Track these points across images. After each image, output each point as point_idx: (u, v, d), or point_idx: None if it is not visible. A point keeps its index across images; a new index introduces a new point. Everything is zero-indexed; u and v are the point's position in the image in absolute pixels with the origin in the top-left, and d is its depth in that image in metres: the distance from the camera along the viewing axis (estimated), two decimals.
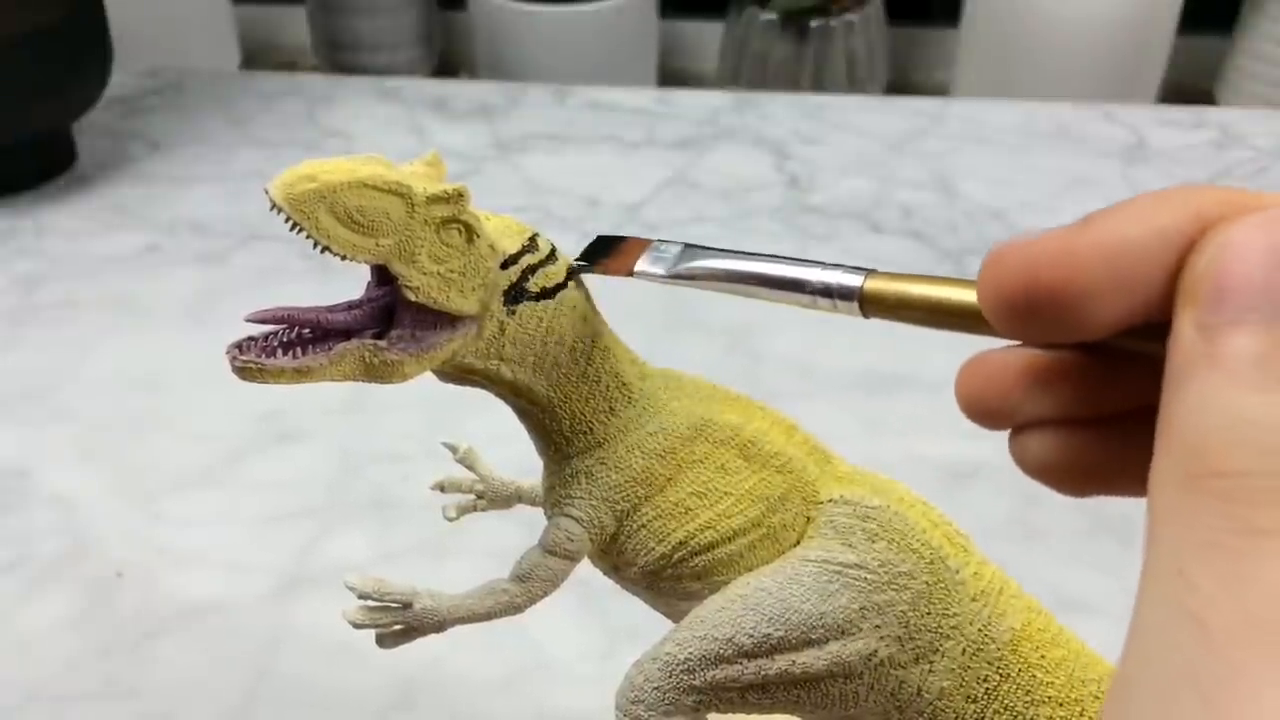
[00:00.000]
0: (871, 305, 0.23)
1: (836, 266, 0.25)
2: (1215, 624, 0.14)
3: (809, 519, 0.31)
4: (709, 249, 0.28)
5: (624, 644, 0.47)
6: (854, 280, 0.24)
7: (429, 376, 0.29)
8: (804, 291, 0.25)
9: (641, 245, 0.29)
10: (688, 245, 0.28)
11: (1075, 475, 0.20)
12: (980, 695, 0.29)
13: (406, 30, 1.66)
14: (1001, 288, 0.18)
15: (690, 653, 0.29)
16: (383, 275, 0.28)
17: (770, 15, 1.43)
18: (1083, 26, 1.43)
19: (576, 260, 0.30)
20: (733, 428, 0.30)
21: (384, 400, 0.60)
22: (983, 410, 0.21)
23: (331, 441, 0.59)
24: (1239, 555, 0.14)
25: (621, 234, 0.30)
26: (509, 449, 0.36)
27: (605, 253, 0.30)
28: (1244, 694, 0.14)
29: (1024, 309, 0.18)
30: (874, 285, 0.23)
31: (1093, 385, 0.20)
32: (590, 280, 0.30)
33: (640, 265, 0.29)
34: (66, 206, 0.79)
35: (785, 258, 0.26)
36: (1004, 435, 0.21)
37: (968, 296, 0.21)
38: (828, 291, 0.24)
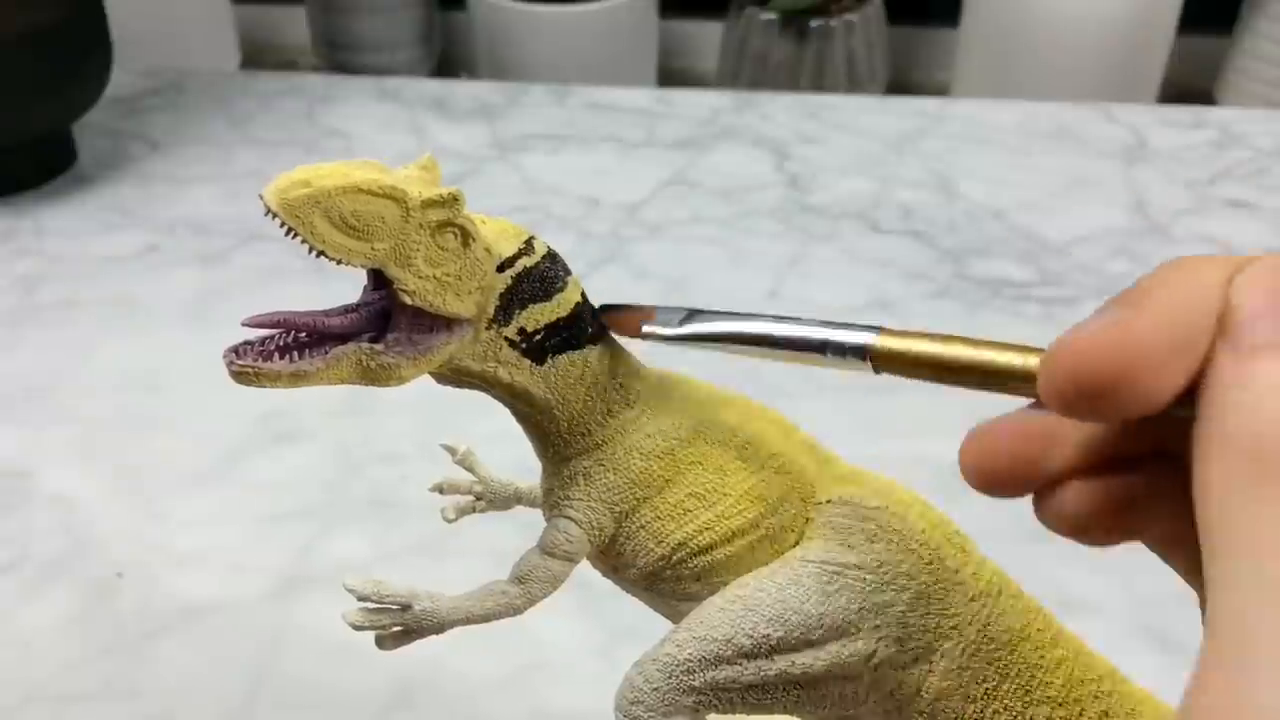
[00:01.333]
0: (883, 362, 0.24)
1: (845, 326, 0.25)
2: None
3: (808, 520, 0.31)
4: (714, 312, 0.29)
5: (624, 644, 0.47)
6: (865, 338, 0.24)
7: (428, 378, 0.30)
8: (815, 350, 0.26)
9: (647, 312, 0.29)
10: (692, 311, 0.29)
11: (1112, 523, 0.21)
12: (979, 696, 0.29)
13: (406, 30, 1.66)
14: (1064, 383, 0.18)
15: (690, 653, 0.29)
16: (379, 279, 0.28)
17: (770, 15, 1.43)
18: (1083, 26, 1.43)
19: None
20: (731, 428, 0.30)
21: (383, 401, 0.60)
22: (1004, 480, 0.21)
23: (331, 442, 0.59)
24: None
25: (627, 303, 0.30)
26: (508, 450, 0.36)
27: (609, 317, 0.30)
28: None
29: (1090, 400, 0.18)
30: (885, 343, 0.24)
31: (1112, 430, 0.20)
32: (589, 280, 0.30)
33: (648, 327, 0.29)
34: (66, 206, 0.79)
35: (793, 318, 0.27)
36: None
37: (978, 355, 0.22)
38: (840, 350, 0.25)
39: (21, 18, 0.74)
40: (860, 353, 0.24)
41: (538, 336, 0.29)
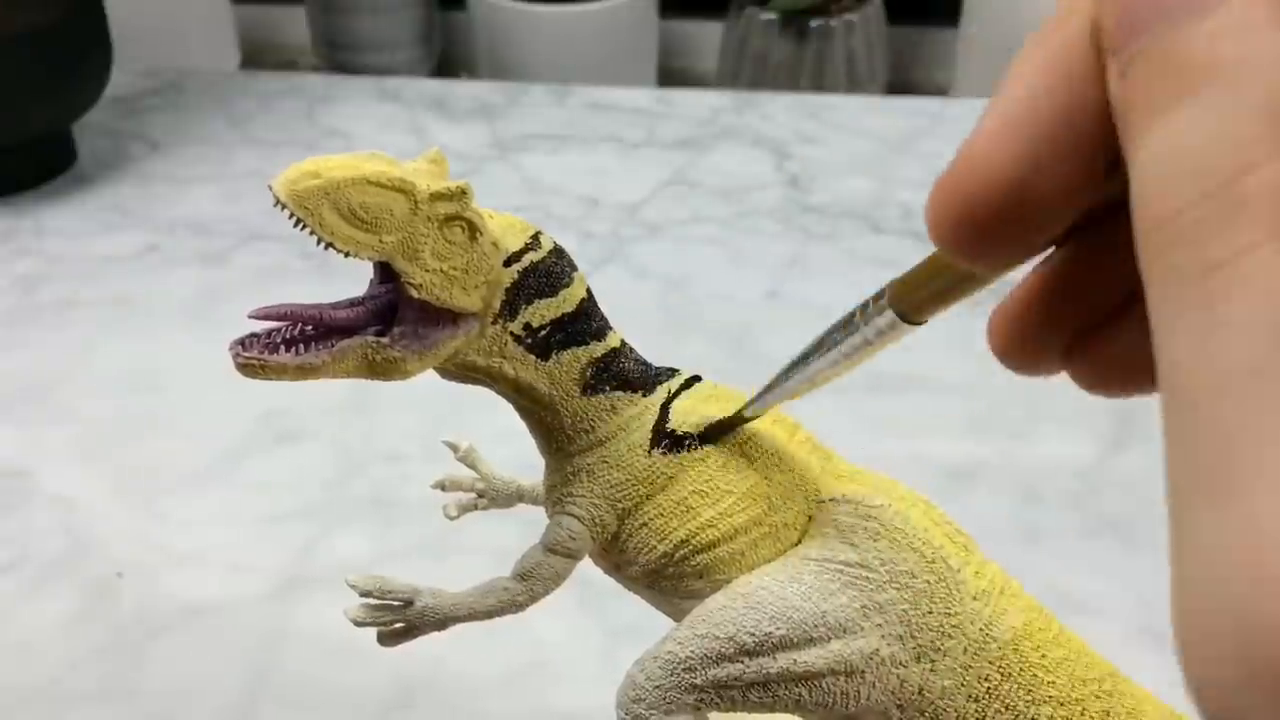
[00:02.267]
0: (904, 304, 0.23)
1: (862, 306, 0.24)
2: (1192, 391, 0.12)
3: (810, 518, 0.31)
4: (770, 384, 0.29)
5: (624, 643, 0.47)
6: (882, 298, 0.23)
7: (430, 375, 0.30)
8: (850, 329, 0.25)
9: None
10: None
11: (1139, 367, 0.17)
12: (982, 694, 0.29)
13: (406, 30, 1.66)
14: (945, 227, 0.15)
15: (691, 651, 0.29)
16: (385, 272, 0.28)
17: (770, 15, 1.43)
18: None
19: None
20: None
21: (385, 399, 0.60)
22: (1028, 357, 0.18)
23: (332, 441, 0.59)
24: (1200, 304, 0.12)
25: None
26: (510, 447, 0.36)
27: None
28: (1238, 466, 0.11)
29: (978, 233, 0.15)
30: (899, 290, 0.23)
31: (1107, 267, 0.17)
32: (589, 280, 0.30)
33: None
34: (66, 206, 0.79)
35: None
36: (1004, 435, 0.21)
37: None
38: (865, 317, 0.24)
39: (21, 18, 0.73)
40: (880, 297, 0.23)
41: (543, 332, 0.29)
